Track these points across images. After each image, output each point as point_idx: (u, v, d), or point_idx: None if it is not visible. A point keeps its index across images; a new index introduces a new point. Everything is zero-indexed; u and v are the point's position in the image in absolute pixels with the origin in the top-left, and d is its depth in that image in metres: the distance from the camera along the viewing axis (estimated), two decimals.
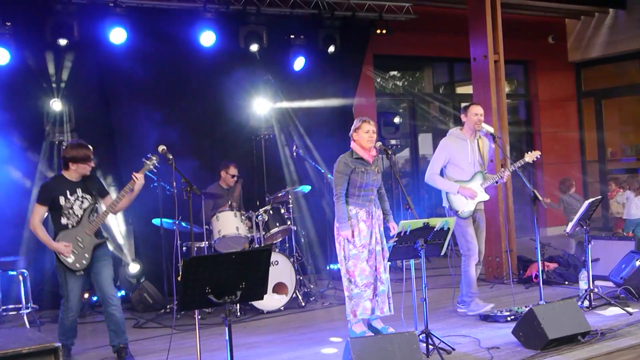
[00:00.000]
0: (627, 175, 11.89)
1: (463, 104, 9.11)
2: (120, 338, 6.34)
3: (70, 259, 6.16)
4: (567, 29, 14.78)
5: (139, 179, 6.22)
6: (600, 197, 8.32)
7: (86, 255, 6.22)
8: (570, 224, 7.65)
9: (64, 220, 6.22)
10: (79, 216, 6.25)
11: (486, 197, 7.41)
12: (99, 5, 8.94)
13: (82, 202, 6.27)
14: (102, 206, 6.46)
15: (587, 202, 7.54)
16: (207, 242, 8.22)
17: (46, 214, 6.27)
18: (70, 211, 6.23)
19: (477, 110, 7.40)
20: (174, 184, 7.09)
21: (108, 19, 8.91)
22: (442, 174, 7.39)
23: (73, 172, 6.29)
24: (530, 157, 7.46)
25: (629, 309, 7.13)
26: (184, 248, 8.25)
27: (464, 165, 7.31)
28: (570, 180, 11.00)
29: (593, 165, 14.89)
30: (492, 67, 9.49)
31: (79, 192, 6.29)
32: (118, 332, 6.34)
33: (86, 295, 8.44)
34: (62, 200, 6.20)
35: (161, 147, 6.06)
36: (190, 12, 9.58)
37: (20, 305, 7.99)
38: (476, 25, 9.59)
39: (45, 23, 8.66)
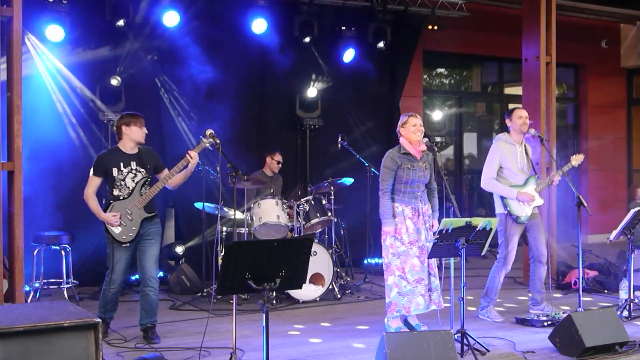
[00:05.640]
0: None
1: (511, 106, 9.04)
2: (150, 318, 6.44)
3: (117, 230, 6.27)
4: (621, 34, 14.54)
5: (193, 157, 6.26)
6: None
7: (133, 227, 6.30)
8: (615, 232, 7.53)
9: (115, 192, 6.32)
10: (131, 188, 6.32)
11: (541, 201, 7.33)
12: None
13: (135, 175, 6.34)
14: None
15: (632, 211, 7.41)
16: (247, 229, 8.27)
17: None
18: (122, 183, 6.31)
19: (521, 113, 7.34)
20: (219, 168, 7.12)
21: (163, 1, 8.98)
22: None
23: (127, 142, 6.36)
24: (576, 160, 7.41)
25: None
26: (224, 233, 8.31)
27: (515, 170, 7.23)
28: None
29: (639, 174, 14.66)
30: (544, 69, 9.38)
31: (133, 164, 6.35)
32: (149, 312, 6.43)
33: None
34: (115, 172, 6.29)
35: (209, 131, 6.11)
36: None
37: (61, 280, 8.15)
38: (530, 26, 9.50)
39: (104, 3, 8.73)
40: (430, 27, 11.11)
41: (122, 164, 6.33)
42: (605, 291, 8.70)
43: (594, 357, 5.86)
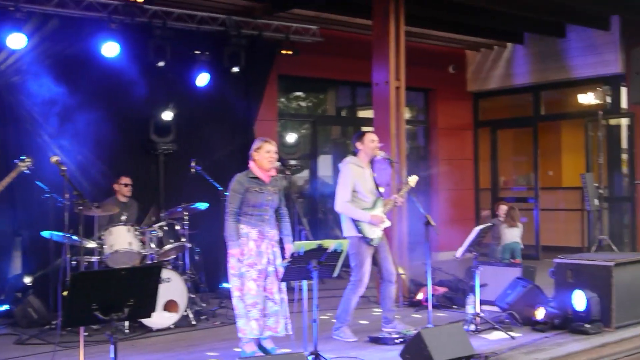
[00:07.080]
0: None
1: (364, 129, 9.25)
2: None
3: None
4: (467, 60, 15.27)
5: None
6: (490, 224, 8.63)
7: None
8: (461, 249, 7.84)
9: None
10: None
11: (389, 222, 7.56)
12: None
13: None
14: None
15: (477, 229, 7.77)
16: (98, 257, 8.04)
17: None
18: None
19: (373, 137, 7.55)
20: (67, 196, 6.92)
21: (6, 23, 8.64)
22: None
23: None
24: (412, 181, 7.75)
25: (512, 334, 7.35)
26: (73, 262, 8.04)
27: (366, 192, 7.39)
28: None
29: (486, 193, 15.35)
30: (393, 93, 9.64)
31: None
32: None
33: None
34: None
35: (54, 158, 5.96)
36: (95, 22, 9.41)
37: None
38: (379, 52, 9.74)
39: None
40: (284, 52, 11.26)
41: None
42: (454, 307, 9.00)
43: None
